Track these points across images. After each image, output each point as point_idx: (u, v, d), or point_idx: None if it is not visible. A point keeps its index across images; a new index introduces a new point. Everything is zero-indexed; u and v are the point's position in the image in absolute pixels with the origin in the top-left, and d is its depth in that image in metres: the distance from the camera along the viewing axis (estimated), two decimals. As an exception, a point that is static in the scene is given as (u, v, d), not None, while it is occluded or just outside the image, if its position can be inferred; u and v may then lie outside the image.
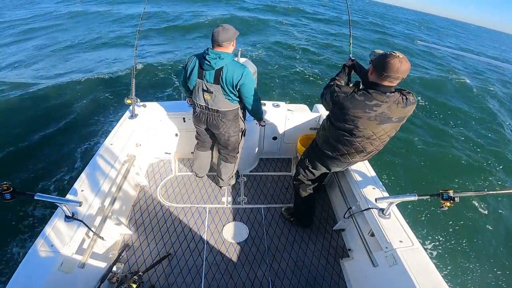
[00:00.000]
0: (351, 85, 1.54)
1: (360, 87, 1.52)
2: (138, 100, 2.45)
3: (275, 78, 8.14)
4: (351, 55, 1.84)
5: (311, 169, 1.96)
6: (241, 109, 2.06)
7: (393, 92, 1.41)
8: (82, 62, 9.05)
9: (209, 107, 1.94)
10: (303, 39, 13.40)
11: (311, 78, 8.41)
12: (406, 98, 1.41)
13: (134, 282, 1.67)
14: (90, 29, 12.87)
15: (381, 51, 1.51)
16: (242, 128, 2.20)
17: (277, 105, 2.71)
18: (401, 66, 1.32)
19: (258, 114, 2.12)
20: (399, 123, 1.49)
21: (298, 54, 10.87)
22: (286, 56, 10.44)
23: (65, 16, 14.62)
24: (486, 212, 4.04)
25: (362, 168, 2.09)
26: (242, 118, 2.15)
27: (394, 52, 1.35)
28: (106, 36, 11.75)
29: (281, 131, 2.82)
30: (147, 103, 2.62)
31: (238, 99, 1.94)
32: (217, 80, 1.79)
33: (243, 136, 2.30)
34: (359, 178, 2.00)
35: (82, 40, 11.19)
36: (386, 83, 1.39)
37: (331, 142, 1.68)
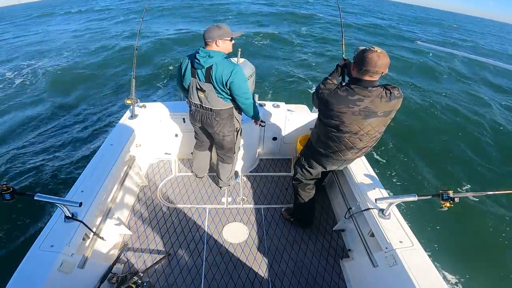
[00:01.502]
0: (343, 84, 1.56)
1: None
2: (138, 101, 2.46)
3: (275, 79, 8.15)
4: (344, 55, 1.86)
5: (308, 168, 1.97)
6: (236, 108, 2.06)
7: (376, 86, 1.43)
8: (82, 63, 9.06)
9: (203, 105, 1.95)
10: (306, 40, 13.42)
11: (312, 79, 8.42)
12: (390, 93, 1.42)
13: (134, 283, 1.67)
14: (91, 31, 12.89)
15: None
16: (237, 128, 2.20)
17: (277, 106, 2.71)
18: (379, 60, 1.35)
19: (251, 113, 2.10)
20: (386, 117, 1.50)
21: (300, 55, 10.88)
22: (287, 56, 10.45)
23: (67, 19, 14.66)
24: (486, 212, 4.04)
25: (362, 168, 2.09)
26: (237, 118, 2.15)
27: (372, 47, 1.39)
28: (106, 37, 11.76)
29: (281, 131, 2.81)
30: (147, 104, 2.62)
31: (231, 98, 1.94)
32: (208, 78, 1.81)
33: (239, 136, 2.29)
34: (359, 178, 2.00)
35: (82, 41, 11.21)
36: (367, 78, 1.42)
37: (322, 139, 1.71)
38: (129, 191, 2.41)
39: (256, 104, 2.45)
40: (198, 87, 1.87)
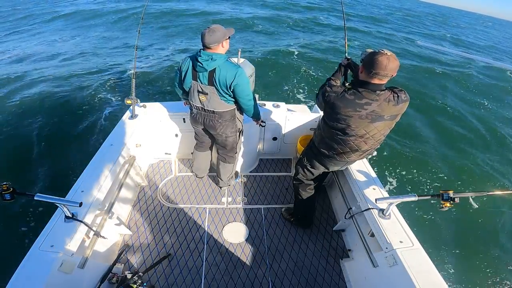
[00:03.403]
0: (347, 84, 1.55)
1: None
2: (138, 101, 2.46)
3: (274, 78, 8.15)
4: (346, 54, 1.85)
5: (310, 168, 1.96)
6: (238, 109, 2.06)
7: (384, 90, 1.42)
8: (82, 63, 9.06)
9: (205, 108, 1.94)
10: (305, 39, 13.41)
11: (312, 79, 8.42)
12: (398, 96, 1.41)
13: (134, 283, 1.67)
14: (91, 30, 12.91)
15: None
16: (239, 128, 2.20)
17: (277, 106, 2.72)
18: (389, 63, 1.33)
19: (254, 114, 2.11)
20: (392, 121, 1.49)
21: (299, 54, 10.87)
22: (287, 56, 10.44)
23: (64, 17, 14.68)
24: (486, 213, 4.04)
25: (362, 168, 2.09)
26: (239, 118, 2.15)
27: (382, 50, 1.37)
28: (106, 36, 11.78)
29: (281, 131, 2.82)
30: (147, 104, 2.62)
31: (234, 100, 1.94)
32: (211, 81, 1.79)
33: (241, 136, 2.30)
34: (359, 178, 2.00)
35: (83, 41, 11.22)
36: (375, 81, 1.40)
37: (326, 141, 1.70)
38: (129, 191, 2.41)
39: (257, 104, 2.44)
40: (200, 90, 1.85)
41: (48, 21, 14.14)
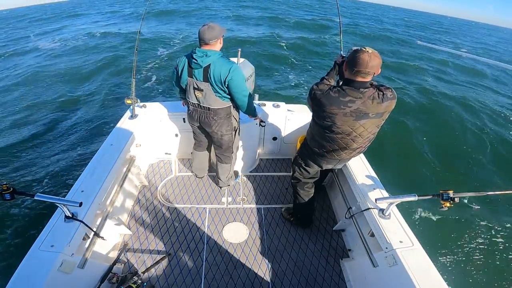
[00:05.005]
0: (341, 83, 1.54)
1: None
2: (138, 101, 2.46)
3: (274, 79, 8.15)
4: (341, 52, 1.83)
5: (305, 167, 1.97)
6: (233, 107, 2.07)
7: (368, 87, 1.41)
8: (82, 63, 9.07)
9: (201, 104, 1.96)
10: (306, 40, 13.41)
11: (312, 79, 8.42)
12: (383, 94, 1.40)
13: (134, 283, 1.67)
14: (90, 31, 12.91)
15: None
16: (235, 127, 2.21)
17: (277, 106, 2.72)
18: (370, 61, 1.33)
19: (248, 111, 2.09)
20: (378, 119, 1.48)
21: (300, 54, 10.88)
22: (287, 56, 10.45)
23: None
24: (486, 212, 4.04)
25: (362, 168, 2.09)
26: (235, 117, 2.15)
27: (364, 48, 1.37)
28: (106, 37, 11.78)
29: (281, 131, 2.82)
30: (147, 104, 2.63)
31: (229, 97, 1.95)
32: (206, 77, 1.82)
33: (237, 136, 2.30)
34: (359, 178, 2.00)
35: (83, 41, 11.22)
36: (359, 79, 1.40)
37: (316, 139, 1.72)
38: (129, 191, 2.41)
39: (256, 103, 2.44)
40: (196, 86, 1.87)
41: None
